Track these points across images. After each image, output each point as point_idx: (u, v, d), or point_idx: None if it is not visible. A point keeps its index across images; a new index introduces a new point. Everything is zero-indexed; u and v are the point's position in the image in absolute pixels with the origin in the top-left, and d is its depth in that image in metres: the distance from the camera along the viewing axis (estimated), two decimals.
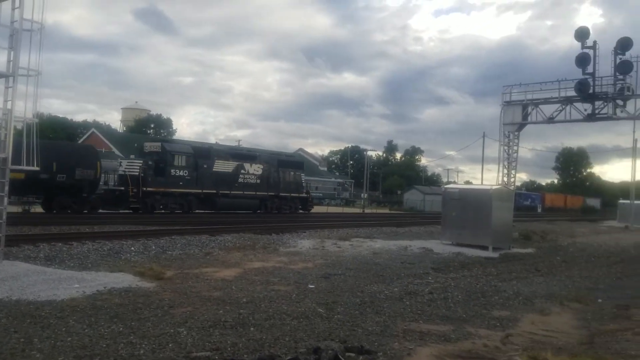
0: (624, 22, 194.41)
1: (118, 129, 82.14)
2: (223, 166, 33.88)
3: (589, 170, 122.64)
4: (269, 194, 36.97)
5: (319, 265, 14.22)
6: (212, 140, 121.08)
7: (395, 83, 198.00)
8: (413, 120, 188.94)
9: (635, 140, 49.76)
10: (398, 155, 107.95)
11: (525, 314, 9.60)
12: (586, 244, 26.72)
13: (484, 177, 60.60)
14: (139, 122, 78.58)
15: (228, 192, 33.60)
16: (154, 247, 15.73)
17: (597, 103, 30.82)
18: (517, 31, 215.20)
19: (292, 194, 38.92)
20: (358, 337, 7.29)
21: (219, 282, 10.90)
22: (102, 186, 28.90)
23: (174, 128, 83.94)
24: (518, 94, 33.74)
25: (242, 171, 35.26)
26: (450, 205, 21.68)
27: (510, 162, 34.61)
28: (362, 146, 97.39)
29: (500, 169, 34.89)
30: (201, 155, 33.14)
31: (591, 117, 31.30)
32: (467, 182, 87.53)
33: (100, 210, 28.05)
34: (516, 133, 34.33)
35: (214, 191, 32.68)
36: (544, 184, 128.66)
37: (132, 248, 15.31)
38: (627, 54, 29.65)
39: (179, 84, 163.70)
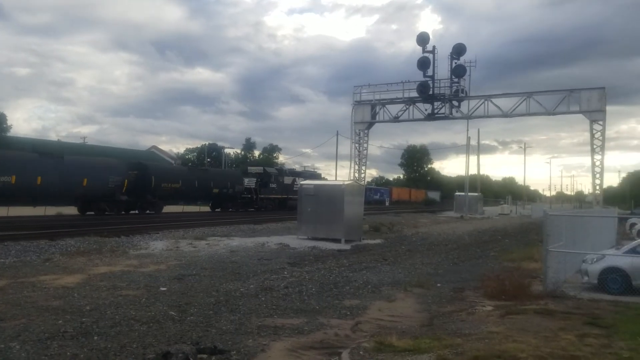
0: (459, 29, 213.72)
1: None
2: (287, 180, 48.67)
3: (430, 166, 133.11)
4: None
5: (172, 266, 13.73)
6: (53, 137, 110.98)
7: (251, 80, 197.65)
8: (270, 118, 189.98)
9: (468, 138, 55.03)
10: (256, 153, 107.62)
11: (374, 301, 10.14)
12: (427, 233, 28.96)
13: (337, 173, 63.48)
14: None
15: (291, 197, 46.12)
16: None
17: (436, 103, 33.50)
18: (367, 34, 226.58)
19: None
20: (212, 337, 7.15)
21: (59, 290, 10.03)
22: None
23: (9, 124, 75.49)
24: (367, 94, 35.52)
25: (295, 183, 47.20)
26: (306, 200, 22.19)
27: (360, 158, 36.38)
28: (219, 144, 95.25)
29: (352, 165, 36.56)
30: (279, 174, 48.70)
31: (431, 117, 33.96)
32: (322, 179, 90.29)
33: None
34: (366, 131, 36.16)
35: (285, 196, 47.75)
36: (391, 179, 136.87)
37: None
38: (462, 58, 32.59)
39: (12, 75, 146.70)
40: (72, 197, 31.17)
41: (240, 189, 43.89)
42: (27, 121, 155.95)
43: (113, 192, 32.33)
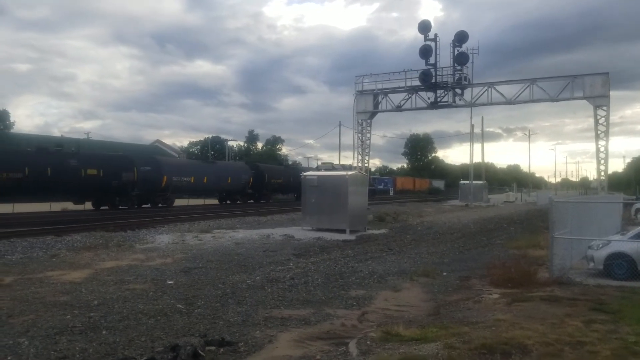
0: (461, 16, 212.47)
1: None
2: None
3: (433, 154, 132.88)
4: None
5: (178, 260, 13.78)
6: (56, 133, 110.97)
7: (252, 72, 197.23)
8: (272, 110, 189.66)
9: (472, 126, 54.79)
10: (259, 145, 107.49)
11: (380, 291, 10.15)
12: (432, 222, 28.94)
13: (341, 163, 64.54)
14: None
15: None
16: None
17: (439, 92, 33.43)
18: (367, 23, 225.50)
19: None
20: (219, 329, 7.19)
21: (67, 286, 10.09)
22: None
23: (12, 121, 75.36)
24: (369, 83, 35.45)
25: None
26: (310, 191, 22.18)
27: (364, 148, 36.38)
28: (222, 136, 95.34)
29: (355, 155, 36.60)
30: (343, 169, 56.58)
31: (434, 105, 33.89)
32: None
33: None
34: (368, 121, 36.13)
35: None
36: (395, 168, 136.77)
37: None
38: (464, 46, 32.48)
39: (12, 71, 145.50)
40: (222, 191, 44.70)
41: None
42: (30, 117, 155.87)
43: (243, 187, 45.00)
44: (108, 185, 32.44)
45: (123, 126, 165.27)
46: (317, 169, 53.10)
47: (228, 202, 45.57)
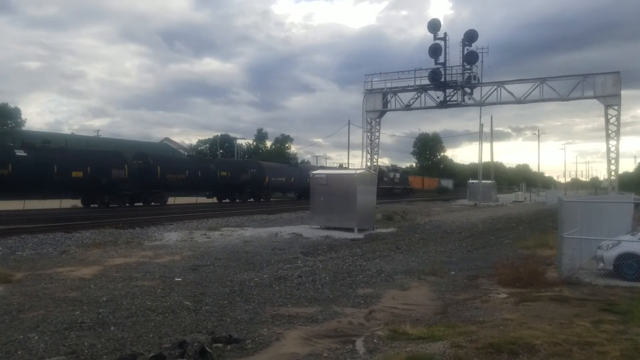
0: (471, 14, 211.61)
1: None
2: (390, 175, 69.12)
3: (442, 153, 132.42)
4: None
5: (186, 257, 13.84)
6: (66, 131, 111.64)
7: (261, 70, 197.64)
8: (281, 108, 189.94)
9: (481, 125, 54.54)
10: (268, 144, 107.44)
11: (387, 290, 10.14)
12: (441, 221, 28.85)
13: (350, 162, 64.58)
14: None
15: (395, 187, 69.69)
16: (0, 248, 14.25)
17: (448, 91, 33.24)
18: (377, 21, 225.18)
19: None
20: (226, 326, 7.21)
21: (76, 282, 10.17)
22: None
23: (23, 118, 75.83)
24: (378, 82, 35.31)
25: (395, 178, 70.42)
26: (318, 190, 22.18)
27: (373, 147, 36.31)
28: (231, 134, 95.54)
29: (364, 154, 36.52)
30: (388, 171, 65.01)
31: (443, 104, 33.72)
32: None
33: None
34: (377, 120, 36.03)
35: (390, 187, 66.59)
36: (404, 167, 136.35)
37: None
38: (474, 45, 32.25)
39: (23, 69, 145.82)
40: (301, 189, 51.59)
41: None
42: (40, 115, 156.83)
43: None
44: (232, 184, 43.44)
45: (132, 124, 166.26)
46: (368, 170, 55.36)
47: (302, 198, 51.95)
